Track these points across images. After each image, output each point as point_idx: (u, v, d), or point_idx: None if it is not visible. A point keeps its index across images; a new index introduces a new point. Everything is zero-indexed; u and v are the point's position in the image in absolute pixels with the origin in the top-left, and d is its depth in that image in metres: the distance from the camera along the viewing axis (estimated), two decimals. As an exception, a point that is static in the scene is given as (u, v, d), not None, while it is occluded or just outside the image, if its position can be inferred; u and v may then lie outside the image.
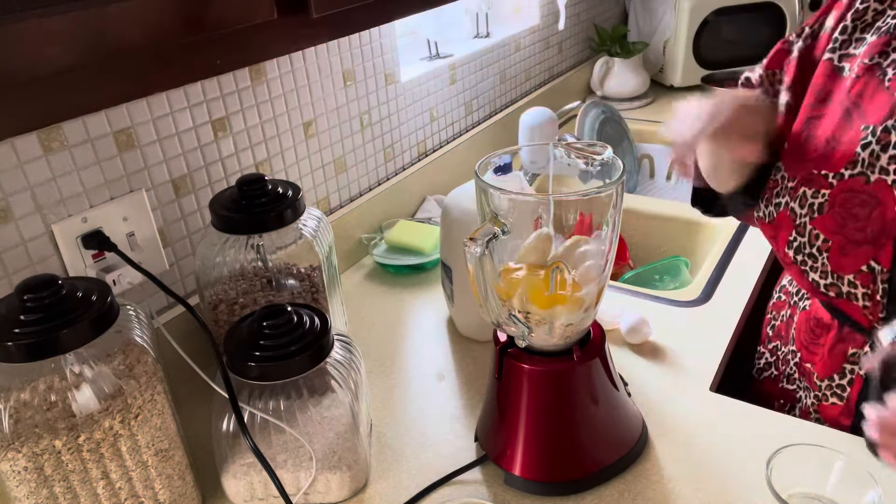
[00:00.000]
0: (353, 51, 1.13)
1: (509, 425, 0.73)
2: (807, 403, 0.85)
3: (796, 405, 0.88)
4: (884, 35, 0.71)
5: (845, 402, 0.80)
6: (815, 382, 0.83)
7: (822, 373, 0.82)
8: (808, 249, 0.77)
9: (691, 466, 0.75)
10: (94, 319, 0.59)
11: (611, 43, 1.91)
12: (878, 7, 0.73)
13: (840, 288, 0.74)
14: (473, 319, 0.97)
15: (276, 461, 0.70)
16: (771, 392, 0.92)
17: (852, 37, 0.74)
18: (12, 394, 0.58)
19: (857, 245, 0.71)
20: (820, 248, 0.75)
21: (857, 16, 0.75)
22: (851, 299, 0.74)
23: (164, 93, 0.85)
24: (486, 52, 1.51)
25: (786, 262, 0.82)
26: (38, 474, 0.60)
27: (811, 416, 0.84)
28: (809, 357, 0.84)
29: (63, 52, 0.43)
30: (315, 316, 0.72)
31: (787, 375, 0.89)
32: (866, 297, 0.73)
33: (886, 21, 0.72)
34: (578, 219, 0.69)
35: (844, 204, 0.72)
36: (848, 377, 0.79)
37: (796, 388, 0.87)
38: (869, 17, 0.74)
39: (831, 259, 0.74)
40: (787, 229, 0.79)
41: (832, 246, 0.74)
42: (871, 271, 0.71)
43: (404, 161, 1.33)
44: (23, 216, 0.75)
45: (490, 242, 0.63)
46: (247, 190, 0.81)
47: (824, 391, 0.82)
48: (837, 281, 0.74)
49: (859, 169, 0.71)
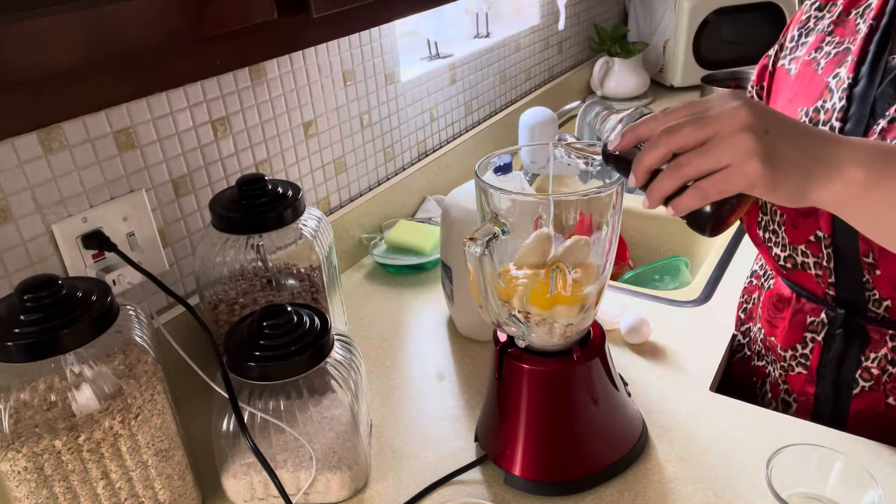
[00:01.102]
0: (353, 51, 1.13)
1: (509, 425, 0.73)
2: (774, 376, 0.89)
3: (766, 380, 0.91)
4: (819, 33, 0.80)
5: (808, 370, 0.83)
6: (780, 353, 0.86)
7: (784, 343, 0.85)
8: (771, 227, 0.81)
9: (691, 466, 0.75)
10: (94, 319, 0.59)
11: (611, 43, 1.91)
12: (817, 14, 0.83)
13: (795, 259, 0.79)
14: (473, 319, 0.97)
15: (276, 461, 0.70)
16: (745, 372, 0.96)
17: (798, 42, 0.83)
18: (12, 394, 0.58)
19: (805, 216, 0.76)
20: (779, 222, 0.80)
21: (801, 25, 0.84)
22: (806, 269, 0.79)
23: (164, 93, 0.85)
24: (486, 52, 1.51)
25: (757, 242, 0.86)
26: (38, 474, 0.60)
27: (780, 387, 0.88)
28: (772, 331, 0.88)
29: (63, 52, 0.43)
30: (315, 316, 0.72)
31: (756, 353, 0.93)
32: (817, 266, 0.77)
33: (822, 22, 0.82)
34: (578, 219, 0.69)
35: None
36: (809, 346, 0.82)
37: (765, 364, 0.91)
38: (811, 24, 0.83)
39: (787, 231, 0.79)
40: (756, 211, 0.84)
41: (786, 219, 0.79)
42: (817, 240, 0.75)
43: (404, 161, 1.33)
44: (23, 216, 0.75)
45: (490, 242, 0.63)
46: (247, 190, 0.81)
47: (789, 361, 0.85)
48: (793, 252, 0.79)
49: None
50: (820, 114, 0.75)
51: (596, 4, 1.98)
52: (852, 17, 0.78)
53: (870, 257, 0.72)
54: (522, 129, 1.42)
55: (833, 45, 0.78)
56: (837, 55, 0.76)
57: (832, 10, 0.81)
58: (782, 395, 0.88)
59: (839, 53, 0.76)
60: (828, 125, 0.73)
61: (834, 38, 0.78)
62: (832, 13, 0.81)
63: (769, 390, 0.91)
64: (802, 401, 0.85)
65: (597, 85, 1.93)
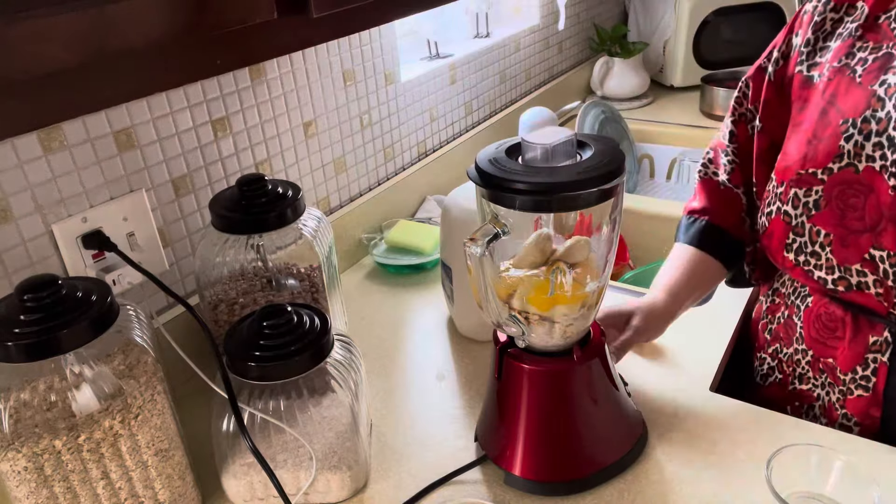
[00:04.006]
0: (353, 51, 1.13)
1: (509, 425, 0.73)
2: (831, 400, 0.84)
3: (815, 404, 0.87)
4: (847, 38, 0.77)
5: (871, 392, 0.79)
6: (839, 377, 0.82)
7: (844, 366, 0.81)
8: (809, 248, 0.79)
9: (691, 466, 0.75)
10: (94, 319, 0.59)
11: (611, 43, 1.91)
12: (834, 16, 0.80)
13: (849, 280, 0.76)
14: (473, 319, 0.97)
15: (276, 461, 0.70)
16: (780, 396, 0.92)
17: (816, 47, 0.81)
18: (12, 394, 0.58)
19: (858, 234, 0.74)
20: (822, 243, 0.77)
21: (817, 28, 0.81)
22: (863, 288, 0.76)
23: (164, 93, 0.85)
24: (486, 52, 1.51)
25: (785, 265, 0.83)
26: (38, 474, 0.60)
27: (838, 411, 0.84)
28: (827, 352, 0.84)
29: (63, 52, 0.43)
30: (315, 316, 0.72)
31: (798, 376, 0.89)
32: (877, 284, 0.74)
33: (846, 26, 0.78)
34: (578, 219, 0.69)
35: (840, 196, 0.75)
36: (871, 367, 0.79)
37: (812, 388, 0.87)
38: (828, 27, 0.80)
39: (835, 252, 0.76)
40: (782, 234, 0.81)
41: (833, 239, 0.76)
42: (872, 259, 0.74)
43: (404, 161, 1.33)
44: (23, 216, 0.75)
45: (490, 242, 0.63)
46: (247, 190, 0.81)
47: (848, 385, 0.81)
48: (845, 273, 0.76)
49: (846, 161, 0.74)
50: (871, 124, 0.72)
51: (596, 4, 1.98)
52: (883, 21, 0.75)
53: None
54: (522, 129, 1.42)
55: (868, 50, 0.74)
56: (877, 61, 0.73)
57: (851, 12, 0.78)
58: (840, 419, 0.83)
59: (879, 59, 0.73)
60: (884, 135, 0.71)
61: (866, 43, 0.75)
62: (854, 16, 0.77)
63: (821, 415, 0.86)
64: (867, 424, 0.80)
65: (597, 85, 1.93)
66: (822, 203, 0.77)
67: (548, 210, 0.67)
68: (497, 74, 1.58)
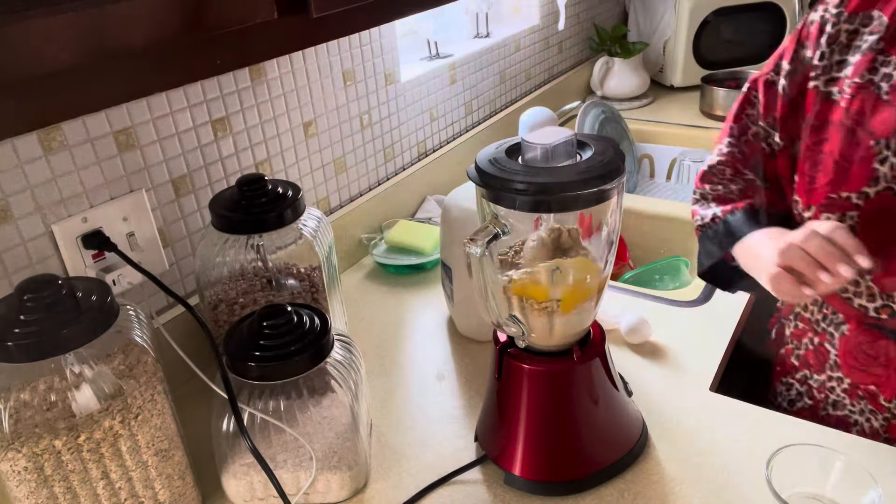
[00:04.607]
0: (353, 51, 1.13)
1: (509, 425, 0.73)
2: (873, 426, 0.83)
3: (851, 429, 0.85)
4: (867, 52, 0.73)
5: None
6: (882, 404, 0.81)
7: (889, 393, 0.80)
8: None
9: (691, 466, 0.75)
10: (93, 319, 0.59)
11: (611, 43, 1.91)
12: (849, 28, 0.75)
13: (893, 308, 0.75)
14: (473, 319, 0.97)
15: (276, 461, 0.70)
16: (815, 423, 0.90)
17: (832, 61, 0.76)
18: (12, 394, 0.58)
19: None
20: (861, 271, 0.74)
21: (832, 40, 0.76)
22: None
23: (164, 93, 0.85)
24: (486, 52, 1.51)
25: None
26: (38, 474, 0.60)
27: (880, 437, 0.83)
28: (869, 379, 0.82)
29: (63, 52, 0.43)
30: (315, 316, 0.72)
31: (832, 403, 0.87)
32: None
33: (864, 38, 0.73)
34: (578, 219, 0.69)
35: (882, 224, 0.72)
36: None
37: (849, 414, 0.85)
38: (844, 39, 0.75)
39: (876, 280, 0.74)
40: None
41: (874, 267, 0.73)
42: None
43: (404, 161, 1.33)
44: (23, 216, 0.75)
45: (490, 242, 0.63)
46: (247, 190, 0.81)
47: (893, 411, 0.81)
48: (888, 300, 0.75)
49: (883, 185, 0.71)
50: None
51: (596, 4, 1.98)
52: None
53: None
54: (522, 129, 1.42)
55: (892, 66, 0.71)
56: None
57: (867, 22, 0.73)
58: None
59: None
60: None
61: (889, 57, 0.71)
62: (871, 27, 0.73)
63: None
64: None
65: (597, 85, 1.93)
66: (858, 229, 0.73)
67: (548, 210, 0.67)
68: (497, 74, 1.58)
